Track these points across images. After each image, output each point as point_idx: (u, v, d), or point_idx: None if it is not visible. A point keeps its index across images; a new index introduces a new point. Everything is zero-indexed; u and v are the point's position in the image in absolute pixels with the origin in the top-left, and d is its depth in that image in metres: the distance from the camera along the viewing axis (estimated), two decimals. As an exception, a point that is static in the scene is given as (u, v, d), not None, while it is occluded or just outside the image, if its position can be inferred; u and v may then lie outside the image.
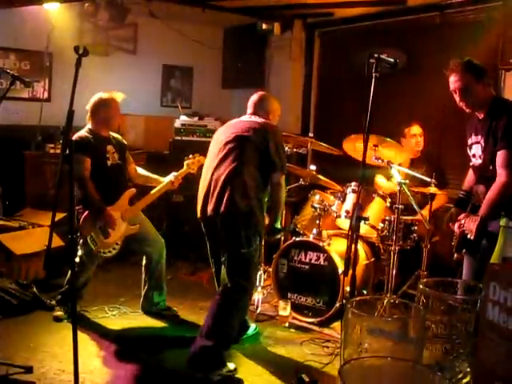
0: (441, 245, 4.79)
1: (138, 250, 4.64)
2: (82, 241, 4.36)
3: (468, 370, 1.42)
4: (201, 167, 4.76)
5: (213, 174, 3.77)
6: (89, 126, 4.45)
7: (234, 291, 3.70)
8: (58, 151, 6.15)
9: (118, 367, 3.69)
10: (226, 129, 3.94)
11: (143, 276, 4.68)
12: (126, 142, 4.77)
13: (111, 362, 3.78)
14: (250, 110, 4.03)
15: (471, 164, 3.52)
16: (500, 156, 3.17)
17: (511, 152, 3.14)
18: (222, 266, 3.78)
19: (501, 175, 3.15)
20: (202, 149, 5.54)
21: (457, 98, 3.36)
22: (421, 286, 1.47)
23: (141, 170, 4.77)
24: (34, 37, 6.27)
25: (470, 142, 3.49)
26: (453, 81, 3.34)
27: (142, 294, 4.70)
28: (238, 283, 3.69)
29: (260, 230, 3.77)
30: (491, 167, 3.24)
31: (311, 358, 3.92)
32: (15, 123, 6.25)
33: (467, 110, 3.40)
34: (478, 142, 3.40)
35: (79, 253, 4.42)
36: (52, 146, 6.25)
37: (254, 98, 4.06)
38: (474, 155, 3.44)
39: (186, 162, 4.69)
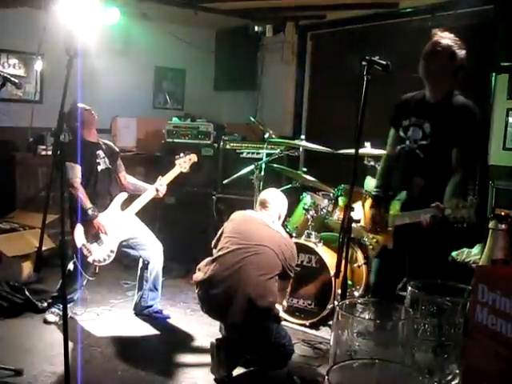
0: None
1: (134, 254, 4.63)
2: (75, 250, 4.32)
3: (457, 371, 1.43)
4: (193, 165, 4.77)
5: (233, 275, 3.65)
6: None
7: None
8: (50, 153, 6.14)
9: (110, 370, 3.69)
10: (252, 225, 3.88)
11: (138, 279, 4.67)
12: (118, 150, 4.78)
13: (102, 364, 3.77)
14: (266, 208, 3.98)
15: (400, 147, 3.34)
16: (459, 151, 3.10)
17: (470, 149, 3.12)
18: None
19: (459, 171, 3.09)
20: (195, 151, 5.54)
21: (429, 56, 3.16)
22: (410, 288, 1.48)
23: (130, 179, 4.77)
24: (26, 38, 6.24)
25: (405, 123, 3.31)
26: (437, 45, 3.14)
27: (136, 297, 4.69)
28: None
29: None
30: (436, 156, 3.15)
31: (303, 360, 3.92)
32: (6, 125, 6.23)
33: (425, 77, 3.20)
34: (418, 125, 3.24)
35: (73, 259, 4.40)
36: (43, 147, 6.24)
37: (269, 196, 4.03)
38: (408, 138, 3.28)
39: (177, 162, 4.68)
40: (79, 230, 4.32)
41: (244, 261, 3.65)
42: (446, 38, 3.17)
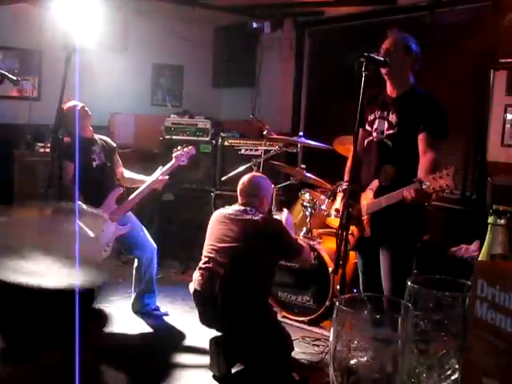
0: (431, 242, 4.80)
1: (128, 253, 4.62)
2: None
3: (456, 366, 1.43)
4: (190, 157, 4.76)
5: (217, 284, 3.60)
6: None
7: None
8: (48, 150, 6.13)
9: (108, 367, 3.69)
10: (225, 225, 3.78)
11: (134, 278, 4.67)
12: (115, 145, 4.76)
13: (101, 362, 3.77)
14: (243, 199, 3.87)
15: (368, 140, 3.47)
16: (426, 135, 3.24)
17: (436, 132, 3.26)
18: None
19: (428, 151, 3.22)
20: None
21: (387, 53, 3.31)
22: (409, 283, 1.48)
23: (127, 173, 4.75)
24: (24, 35, 6.23)
25: (371, 117, 3.46)
26: (393, 41, 3.37)
27: (133, 296, 4.69)
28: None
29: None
30: (403, 143, 3.30)
31: (301, 356, 3.93)
32: (4, 122, 6.21)
33: (386, 72, 3.35)
34: (382, 118, 3.39)
35: None
36: (42, 145, 6.23)
37: (245, 184, 3.91)
38: (375, 130, 3.42)
39: (174, 155, 4.67)
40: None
41: (223, 266, 3.60)
42: (399, 34, 3.40)
